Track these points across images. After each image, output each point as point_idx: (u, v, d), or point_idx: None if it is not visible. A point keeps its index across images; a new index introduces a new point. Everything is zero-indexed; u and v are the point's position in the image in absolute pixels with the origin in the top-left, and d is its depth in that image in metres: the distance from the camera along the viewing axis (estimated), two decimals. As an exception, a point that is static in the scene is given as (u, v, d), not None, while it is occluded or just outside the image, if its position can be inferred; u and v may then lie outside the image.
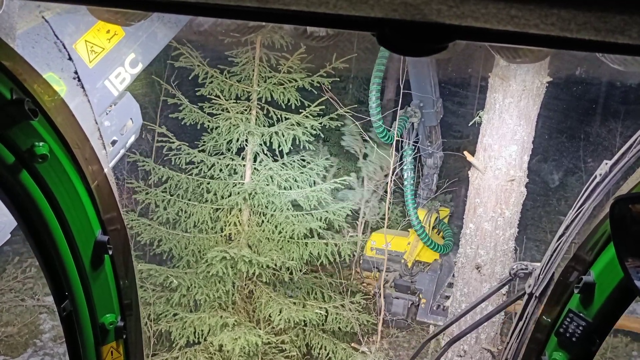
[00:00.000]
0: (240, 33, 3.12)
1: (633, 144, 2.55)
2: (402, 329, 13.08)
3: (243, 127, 10.03)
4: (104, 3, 1.71)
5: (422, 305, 12.65)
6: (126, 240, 2.20)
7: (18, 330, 12.25)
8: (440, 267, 12.92)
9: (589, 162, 17.33)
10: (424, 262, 13.37)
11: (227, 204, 10.44)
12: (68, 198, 1.86)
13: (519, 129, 9.66)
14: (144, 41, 6.48)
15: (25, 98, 1.63)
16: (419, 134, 12.73)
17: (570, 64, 14.89)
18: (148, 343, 10.43)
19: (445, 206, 14.45)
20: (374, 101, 11.03)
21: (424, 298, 12.70)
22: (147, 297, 10.24)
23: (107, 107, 6.45)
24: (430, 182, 13.93)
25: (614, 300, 2.29)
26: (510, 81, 9.46)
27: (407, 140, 12.42)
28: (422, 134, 12.89)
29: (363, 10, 1.05)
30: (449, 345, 4.46)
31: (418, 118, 12.32)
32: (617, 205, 1.80)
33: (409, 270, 13.00)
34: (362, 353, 11.11)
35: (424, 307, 12.57)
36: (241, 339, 9.60)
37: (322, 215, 10.65)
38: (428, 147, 13.21)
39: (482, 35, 1.14)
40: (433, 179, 14.01)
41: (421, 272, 13.22)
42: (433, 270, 13.03)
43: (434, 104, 12.50)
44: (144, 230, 10.51)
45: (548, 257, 2.91)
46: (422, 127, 12.73)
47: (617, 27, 1.02)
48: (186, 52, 9.77)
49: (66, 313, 2.02)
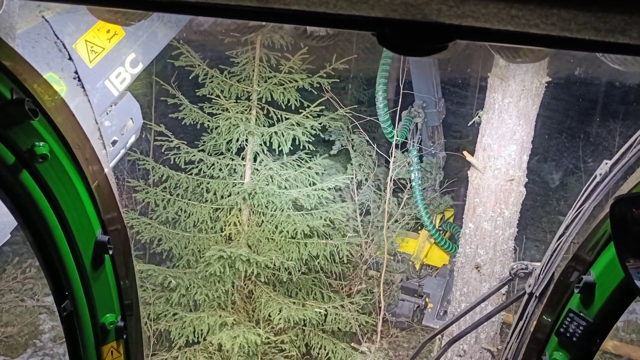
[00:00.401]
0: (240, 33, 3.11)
1: (633, 143, 2.56)
2: (402, 329, 13.08)
3: (243, 127, 10.03)
4: (104, 3, 1.71)
5: (428, 310, 12.65)
6: (126, 240, 2.20)
7: (18, 330, 12.25)
8: (449, 272, 12.90)
9: (588, 162, 17.33)
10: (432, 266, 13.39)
11: (226, 203, 10.44)
12: (68, 198, 1.86)
13: (518, 129, 9.67)
14: (144, 41, 6.47)
15: (26, 98, 1.63)
16: (422, 134, 12.77)
17: (570, 64, 14.89)
18: (148, 343, 10.44)
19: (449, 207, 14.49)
20: (381, 101, 11.07)
21: (431, 302, 12.70)
22: (146, 297, 10.24)
23: (108, 107, 6.45)
24: (433, 182, 13.97)
25: (614, 300, 2.29)
26: (510, 81, 9.47)
27: (412, 141, 12.45)
28: (425, 134, 12.91)
29: (363, 10, 1.05)
30: (449, 345, 4.46)
31: (422, 118, 12.35)
32: (617, 205, 1.80)
33: (416, 273, 13.01)
34: (361, 353, 11.10)
35: (431, 312, 12.56)
36: (240, 338, 9.60)
37: (322, 215, 10.64)
38: (431, 147, 13.24)
39: (483, 35, 1.14)
40: (436, 179, 14.04)
41: (430, 277, 13.23)
42: (442, 275, 13.03)
43: (436, 104, 12.52)
44: (144, 229, 10.51)
45: (548, 257, 2.91)
46: (425, 128, 12.75)
47: (617, 27, 1.02)
48: (186, 51, 9.77)
49: (66, 313, 2.02)
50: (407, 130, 12.18)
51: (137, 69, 6.50)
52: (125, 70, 6.35)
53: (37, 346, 12.12)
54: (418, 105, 12.40)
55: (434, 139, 13.32)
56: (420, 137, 12.84)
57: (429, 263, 13.60)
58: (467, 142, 12.43)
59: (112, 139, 6.62)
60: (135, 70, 6.48)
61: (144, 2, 1.29)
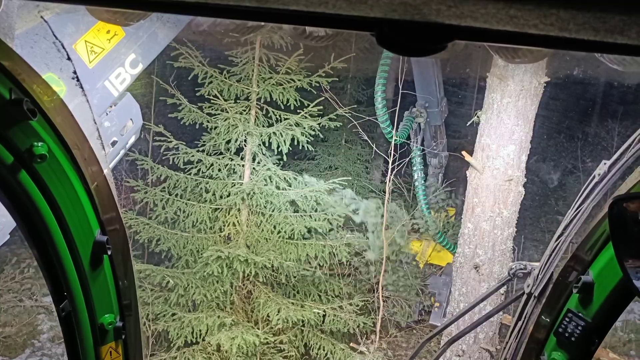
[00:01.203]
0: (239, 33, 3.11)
1: (631, 144, 2.56)
2: (400, 329, 13.08)
3: (242, 127, 10.03)
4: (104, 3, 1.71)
5: (435, 309, 12.65)
6: (125, 240, 2.20)
7: (16, 330, 12.23)
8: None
9: (587, 162, 17.34)
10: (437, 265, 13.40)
11: (225, 203, 10.43)
12: (67, 198, 1.86)
13: (517, 129, 9.68)
14: (144, 42, 6.46)
15: (24, 98, 1.62)
16: (425, 134, 12.78)
17: (569, 64, 14.89)
18: (146, 343, 10.43)
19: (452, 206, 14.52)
20: (380, 102, 11.08)
21: (437, 302, 12.69)
22: (145, 297, 10.23)
23: (107, 108, 6.44)
24: (435, 181, 13.98)
25: (612, 300, 2.29)
26: (509, 81, 9.48)
27: (414, 140, 12.46)
28: (428, 133, 12.92)
29: (362, 10, 1.05)
30: (448, 345, 4.46)
31: (424, 118, 12.35)
32: (615, 205, 1.80)
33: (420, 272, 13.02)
34: (360, 353, 11.10)
35: (437, 311, 12.56)
36: (239, 338, 9.59)
37: (320, 217, 10.64)
38: (434, 147, 13.25)
39: (481, 35, 1.14)
40: (438, 179, 14.05)
41: (434, 276, 13.24)
42: (447, 274, 13.03)
43: (438, 103, 12.52)
44: (142, 229, 10.50)
45: (547, 257, 2.91)
46: (428, 127, 12.76)
47: (616, 28, 1.03)
48: (185, 52, 9.76)
49: (65, 313, 2.02)
50: (408, 130, 12.18)
51: (137, 70, 6.50)
52: (125, 70, 6.35)
53: (35, 346, 12.10)
54: (420, 105, 12.40)
55: (437, 138, 13.33)
56: (423, 137, 12.85)
57: (433, 262, 13.61)
58: (466, 142, 12.44)
59: (111, 140, 6.62)
60: (135, 71, 6.47)
61: (144, 2, 1.29)
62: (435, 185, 13.94)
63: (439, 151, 13.64)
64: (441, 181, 14.14)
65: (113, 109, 6.55)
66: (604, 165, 2.71)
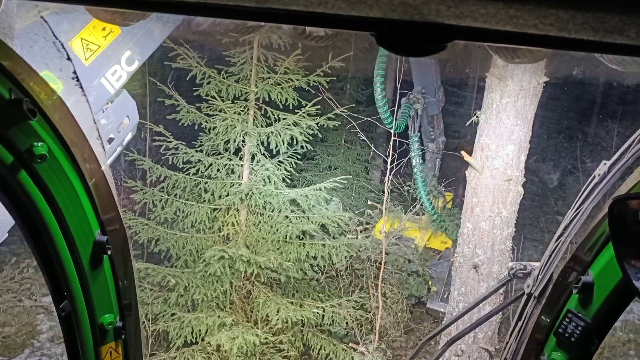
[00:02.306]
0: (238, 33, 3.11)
1: (631, 144, 2.56)
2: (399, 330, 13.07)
3: (240, 128, 10.03)
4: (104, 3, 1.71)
5: (432, 293, 12.68)
6: (125, 240, 2.20)
7: (16, 330, 12.23)
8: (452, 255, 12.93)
9: (586, 162, 17.34)
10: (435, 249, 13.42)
11: (224, 203, 10.43)
12: (67, 198, 1.86)
13: (516, 129, 9.68)
14: (140, 38, 6.44)
15: (24, 98, 1.62)
16: (422, 121, 12.82)
17: (568, 64, 14.89)
18: (146, 343, 10.42)
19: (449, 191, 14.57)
20: (380, 92, 11.10)
21: (434, 286, 12.73)
22: (144, 297, 10.22)
23: (104, 105, 6.42)
24: (433, 166, 14.01)
25: (612, 301, 2.29)
26: (508, 81, 9.48)
27: (412, 128, 12.51)
28: (425, 121, 12.95)
29: (362, 10, 1.05)
30: (447, 346, 4.46)
31: (421, 104, 12.38)
32: (615, 205, 1.80)
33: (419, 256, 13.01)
34: (359, 353, 11.09)
35: (434, 295, 12.59)
36: (239, 338, 9.59)
37: (318, 217, 10.64)
38: (431, 133, 13.29)
39: (481, 36, 1.14)
40: (436, 163, 14.09)
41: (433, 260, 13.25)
42: (445, 258, 13.05)
43: (435, 91, 12.53)
44: (141, 229, 10.49)
45: (547, 257, 2.91)
46: (425, 115, 12.79)
47: (615, 28, 1.03)
48: (183, 52, 9.75)
49: (65, 313, 2.02)
50: (406, 117, 12.24)
51: (133, 67, 6.47)
52: (121, 67, 6.32)
53: (34, 346, 12.10)
54: (417, 92, 12.42)
55: (434, 124, 13.37)
56: (420, 123, 12.89)
57: (431, 247, 13.62)
58: (465, 142, 12.45)
59: (108, 137, 6.60)
60: (132, 68, 6.45)
61: (144, 2, 1.29)
62: (433, 171, 13.99)
63: (436, 136, 13.67)
64: (438, 166, 14.20)
65: (109, 106, 6.53)
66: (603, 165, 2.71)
